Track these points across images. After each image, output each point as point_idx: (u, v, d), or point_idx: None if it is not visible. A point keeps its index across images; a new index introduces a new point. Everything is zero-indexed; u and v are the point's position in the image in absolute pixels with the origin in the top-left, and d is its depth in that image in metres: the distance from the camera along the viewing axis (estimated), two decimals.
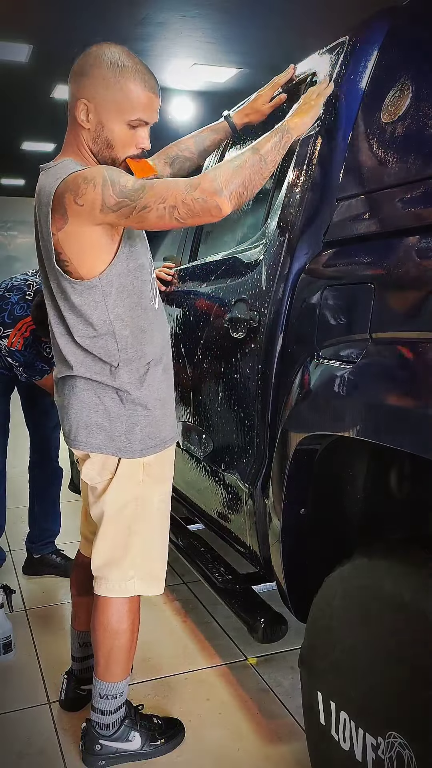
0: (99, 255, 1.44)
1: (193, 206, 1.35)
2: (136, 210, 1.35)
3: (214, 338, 1.90)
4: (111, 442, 1.54)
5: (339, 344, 1.33)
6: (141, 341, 1.53)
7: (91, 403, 1.54)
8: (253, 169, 1.41)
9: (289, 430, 1.47)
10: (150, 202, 1.35)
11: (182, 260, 2.40)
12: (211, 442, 1.96)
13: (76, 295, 1.45)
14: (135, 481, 1.59)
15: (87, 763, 1.71)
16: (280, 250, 1.59)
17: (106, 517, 1.61)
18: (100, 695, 1.68)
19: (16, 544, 3.02)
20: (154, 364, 1.57)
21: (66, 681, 1.95)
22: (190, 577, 2.68)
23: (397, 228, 1.25)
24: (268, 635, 1.72)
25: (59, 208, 1.38)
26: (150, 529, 1.64)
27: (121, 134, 1.45)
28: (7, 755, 1.76)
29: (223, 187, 1.35)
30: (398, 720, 1.13)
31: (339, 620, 1.29)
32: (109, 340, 1.50)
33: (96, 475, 1.59)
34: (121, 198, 1.34)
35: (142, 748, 1.72)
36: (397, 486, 1.50)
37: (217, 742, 1.80)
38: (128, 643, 1.67)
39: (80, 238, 1.41)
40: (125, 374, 1.52)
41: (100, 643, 1.66)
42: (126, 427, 1.54)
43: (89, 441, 1.54)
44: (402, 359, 1.14)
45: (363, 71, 1.51)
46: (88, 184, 1.35)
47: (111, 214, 1.36)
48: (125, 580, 1.62)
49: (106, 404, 1.53)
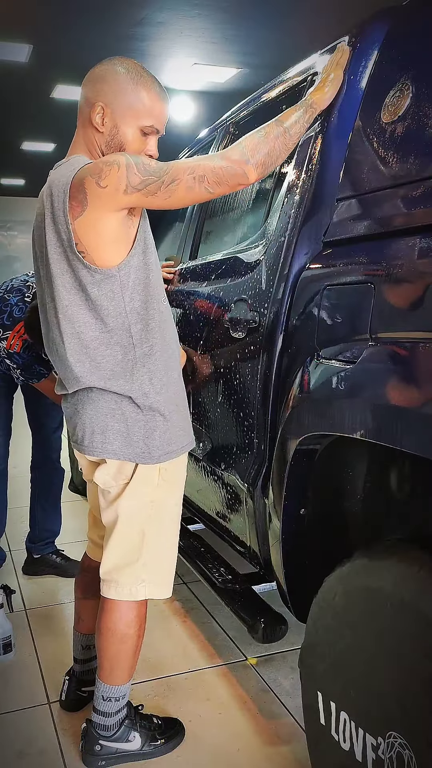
0: (117, 246, 1.44)
1: (222, 174, 1.39)
2: (164, 185, 1.37)
3: (214, 338, 1.90)
4: (129, 448, 1.52)
5: (339, 344, 1.33)
6: (153, 337, 1.51)
7: (107, 409, 1.51)
8: (278, 140, 1.44)
9: (289, 430, 1.47)
10: (178, 175, 1.38)
11: (182, 260, 2.40)
12: (212, 441, 1.96)
13: (94, 286, 1.43)
14: (151, 485, 1.57)
15: (87, 764, 1.71)
16: (280, 250, 1.59)
17: (120, 521, 1.58)
18: (102, 698, 1.68)
19: (16, 544, 3.02)
20: (171, 367, 1.55)
21: (67, 682, 1.95)
22: (190, 577, 2.68)
23: (397, 228, 1.25)
24: (268, 635, 1.72)
25: (78, 195, 1.38)
26: (163, 532, 1.63)
27: (134, 139, 1.49)
28: (7, 755, 1.76)
29: (250, 156, 1.40)
30: (398, 720, 1.13)
31: (339, 620, 1.29)
32: (124, 335, 1.47)
33: (111, 480, 1.57)
34: (146, 176, 1.37)
35: (142, 748, 1.72)
36: (397, 486, 1.49)
37: (217, 742, 1.80)
38: (134, 647, 1.66)
39: (98, 227, 1.40)
40: (145, 375, 1.49)
41: (106, 647, 1.64)
42: (144, 432, 1.51)
43: (106, 447, 1.52)
44: (402, 359, 1.14)
45: (363, 71, 1.51)
46: (111, 166, 1.36)
47: (135, 194, 1.37)
48: (137, 583, 1.60)
49: (124, 409, 1.50)
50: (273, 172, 1.70)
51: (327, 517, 1.57)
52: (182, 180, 1.37)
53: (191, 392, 2.08)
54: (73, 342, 1.48)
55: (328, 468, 1.50)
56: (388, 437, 1.15)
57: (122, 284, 1.44)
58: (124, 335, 1.48)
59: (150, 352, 1.50)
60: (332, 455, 1.47)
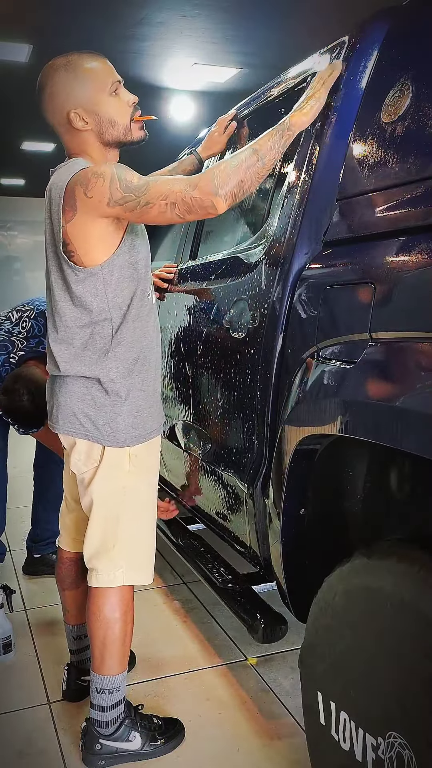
0: (103, 246, 1.53)
1: (192, 204, 1.44)
2: (140, 205, 1.46)
3: (214, 338, 1.90)
4: (96, 431, 1.61)
5: (339, 344, 1.33)
6: (134, 329, 1.60)
7: (79, 393, 1.61)
8: (250, 170, 1.47)
9: (288, 430, 1.47)
10: (152, 199, 1.45)
11: (182, 260, 2.40)
12: (211, 441, 1.96)
13: (78, 284, 1.53)
14: (122, 471, 1.65)
15: (87, 763, 1.71)
16: (280, 250, 1.59)
17: (94, 506, 1.66)
18: (96, 690, 1.70)
19: (17, 544, 3.03)
20: (143, 357, 1.63)
21: (67, 672, 1.99)
22: (190, 577, 2.68)
23: (397, 228, 1.25)
24: (268, 635, 1.72)
25: (69, 201, 1.48)
26: (138, 519, 1.69)
27: (114, 105, 1.57)
28: (7, 755, 1.77)
29: (219, 188, 1.43)
30: (398, 720, 1.13)
31: (339, 620, 1.29)
32: (106, 326, 1.58)
33: (82, 464, 1.65)
34: (126, 193, 1.45)
35: (142, 748, 1.72)
36: (397, 486, 1.49)
37: (217, 742, 1.80)
38: (121, 633, 1.69)
39: (87, 229, 1.50)
40: (113, 362, 1.59)
41: (95, 635, 1.69)
42: (110, 416, 1.60)
43: (76, 428, 1.62)
44: (402, 359, 1.14)
45: (363, 71, 1.51)
46: (98, 179, 1.46)
47: (117, 207, 1.46)
48: (114, 569, 1.66)
49: (93, 394, 1.60)
50: (273, 172, 1.71)
51: (327, 517, 1.57)
52: (155, 204, 1.45)
53: (191, 393, 2.08)
54: (59, 332, 1.60)
55: (328, 468, 1.50)
56: (388, 437, 1.15)
57: (105, 281, 1.54)
58: (105, 326, 1.57)
59: (122, 341, 1.59)
60: (332, 455, 1.47)
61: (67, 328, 1.58)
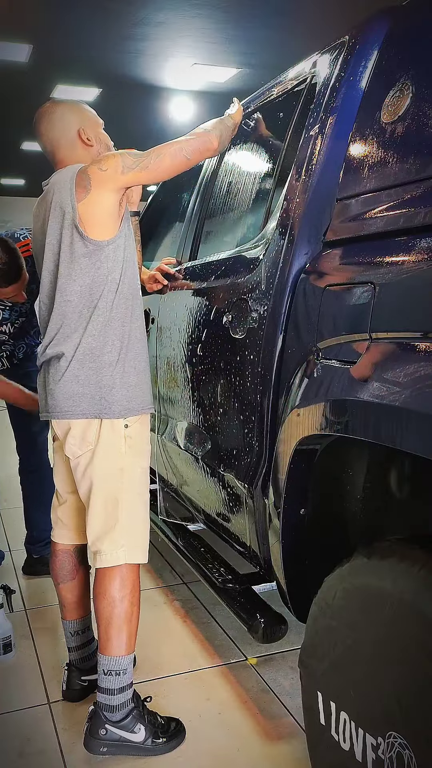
0: (108, 225, 1.69)
1: (195, 143, 1.72)
2: (152, 160, 1.67)
3: (214, 338, 1.90)
4: (92, 407, 1.70)
5: (339, 344, 1.33)
6: (126, 307, 1.74)
7: (73, 372, 1.70)
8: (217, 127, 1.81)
9: (288, 430, 1.47)
10: (162, 151, 1.69)
11: (182, 260, 2.40)
12: (212, 441, 1.96)
13: (86, 256, 1.68)
14: (119, 452, 1.73)
15: (88, 747, 1.72)
16: (280, 250, 1.59)
17: (94, 489, 1.73)
18: (104, 672, 1.72)
19: (16, 544, 3.03)
20: (135, 337, 1.76)
21: (67, 672, 1.99)
22: (190, 577, 2.69)
23: (397, 228, 1.25)
24: (268, 635, 1.72)
25: (82, 182, 1.66)
26: (134, 500, 1.77)
27: (105, 137, 1.89)
28: (7, 755, 1.77)
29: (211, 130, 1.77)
30: (398, 720, 1.14)
31: (339, 620, 1.29)
32: (102, 301, 1.70)
33: (77, 448, 1.73)
34: (136, 158, 1.68)
35: (144, 742, 1.73)
36: (396, 486, 1.50)
37: (217, 741, 1.80)
38: (127, 612, 1.73)
39: (98, 205, 1.67)
40: (110, 337, 1.70)
41: (101, 614, 1.73)
42: (105, 390, 1.70)
43: (74, 410, 1.70)
44: (402, 359, 1.14)
45: (363, 71, 1.51)
46: (108, 157, 1.69)
47: (130, 173, 1.66)
48: (117, 548, 1.73)
49: (87, 373, 1.70)
50: (273, 172, 1.71)
51: (327, 517, 1.57)
52: (165, 153, 1.69)
53: (191, 393, 2.08)
54: (58, 308, 1.72)
55: (328, 468, 1.50)
56: (388, 437, 1.15)
57: (107, 257, 1.70)
58: (102, 302, 1.70)
59: (115, 318, 1.72)
60: (332, 455, 1.47)
61: (67, 303, 1.69)
